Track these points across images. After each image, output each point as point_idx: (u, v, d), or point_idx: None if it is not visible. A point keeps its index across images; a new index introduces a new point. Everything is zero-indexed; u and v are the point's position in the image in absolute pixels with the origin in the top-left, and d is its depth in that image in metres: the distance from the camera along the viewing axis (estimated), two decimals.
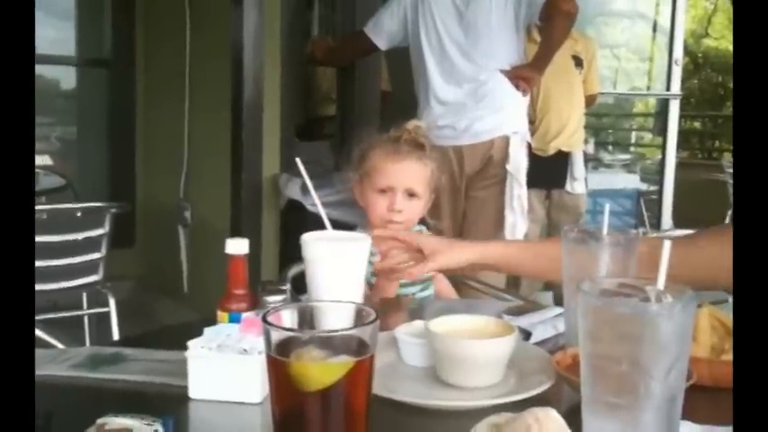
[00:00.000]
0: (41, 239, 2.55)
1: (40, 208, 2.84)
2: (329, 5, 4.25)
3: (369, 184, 1.75)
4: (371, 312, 0.74)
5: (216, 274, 1.24)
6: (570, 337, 1.14)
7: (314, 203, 1.29)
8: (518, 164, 2.85)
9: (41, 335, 2.52)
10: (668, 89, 4.75)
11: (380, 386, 0.88)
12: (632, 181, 5.90)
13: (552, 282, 1.29)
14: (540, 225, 3.63)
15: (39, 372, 0.95)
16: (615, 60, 7.57)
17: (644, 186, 5.78)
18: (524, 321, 1.26)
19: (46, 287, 2.63)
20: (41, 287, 2.58)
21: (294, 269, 1.71)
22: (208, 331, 1.01)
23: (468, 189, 2.93)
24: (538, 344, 1.19)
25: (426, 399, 0.97)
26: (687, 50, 9.85)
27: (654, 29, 6.18)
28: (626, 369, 0.71)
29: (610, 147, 8.00)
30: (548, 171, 3.51)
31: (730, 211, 6.09)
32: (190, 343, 0.98)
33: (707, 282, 1.15)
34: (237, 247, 1.09)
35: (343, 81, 3.95)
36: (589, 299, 0.73)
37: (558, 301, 1.34)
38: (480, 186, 2.91)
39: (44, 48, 3.85)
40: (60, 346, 2.40)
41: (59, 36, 4.39)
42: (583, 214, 3.77)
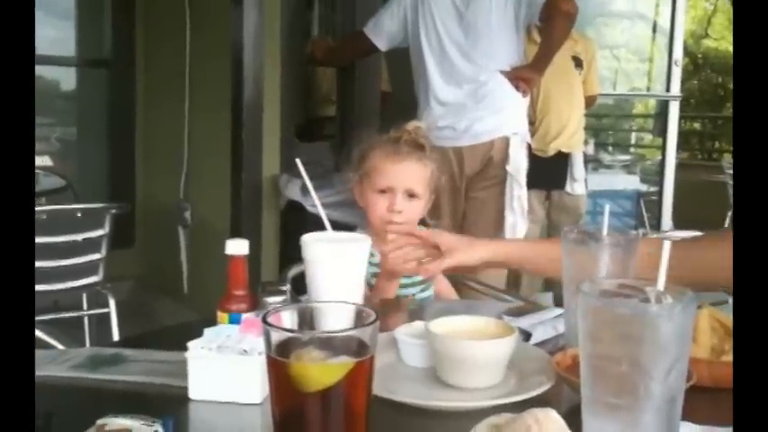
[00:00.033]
0: (41, 240, 2.55)
1: (40, 209, 2.84)
2: (329, 6, 4.25)
3: (369, 185, 1.75)
4: (371, 313, 0.74)
5: (216, 275, 1.24)
6: (570, 338, 1.14)
7: (314, 204, 1.29)
8: (518, 165, 2.85)
9: (41, 335, 2.53)
10: (668, 90, 4.74)
11: (380, 387, 0.88)
12: (632, 182, 5.89)
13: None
14: (540, 226, 3.62)
15: (39, 372, 0.95)
16: (615, 61, 7.57)
17: (644, 187, 5.77)
18: (524, 322, 1.26)
19: (46, 288, 2.63)
20: (41, 288, 2.58)
21: (294, 270, 1.71)
22: (208, 332, 1.01)
23: (468, 190, 2.93)
24: (538, 345, 1.19)
25: (426, 399, 0.97)
26: (687, 51, 9.86)
27: (654, 30, 6.17)
28: (626, 370, 0.71)
29: (610, 148, 7.99)
30: (548, 172, 3.50)
31: (730, 213, 6.10)
32: (190, 344, 0.98)
33: (707, 283, 1.16)
34: (237, 248, 1.09)
35: (343, 81, 3.95)
36: (589, 300, 0.73)
37: (558, 302, 1.34)
38: (480, 187, 2.90)
39: (44, 48, 3.84)
40: (60, 347, 2.40)
41: (59, 36, 4.38)
42: (583, 215, 3.76)
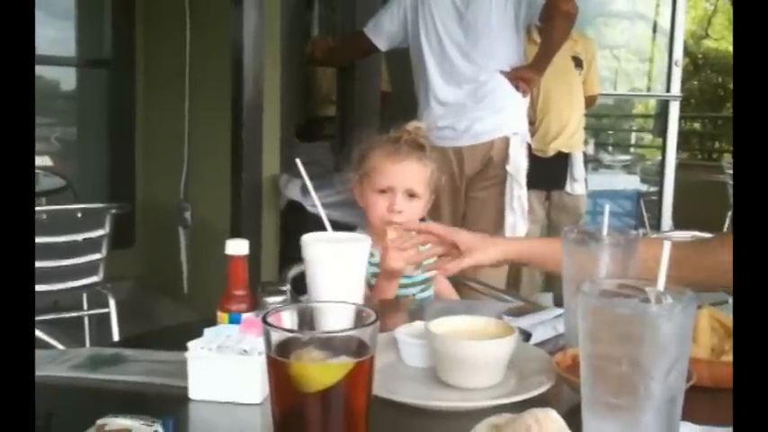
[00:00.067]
0: (41, 240, 2.55)
1: (40, 209, 2.84)
2: (329, 6, 4.25)
3: (369, 185, 1.75)
4: (371, 313, 0.74)
5: (216, 275, 1.24)
6: (570, 338, 1.14)
7: (314, 204, 1.29)
8: (518, 165, 2.85)
9: (42, 336, 2.53)
10: (668, 90, 4.74)
11: (380, 387, 0.88)
12: (632, 182, 5.89)
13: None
14: (540, 226, 3.62)
15: (39, 372, 0.95)
16: (615, 61, 7.57)
17: (644, 187, 5.77)
18: (524, 322, 1.26)
19: (46, 288, 2.63)
20: (41, 288, 2.58)
21: (294, 270, 1.71)
22: (208, 332, 1.01)
23: (468, 190, 2.93)
24: (538, 345, 1.20)
25: (426, 399, 0.97)
26: (687, 51, 9.85)
27: (654, 30, 6.17)
28: (626, 370, 0.71)
29: (610, 148, 7.99)
30: (548, 172, 3.50)
31: (730, 213, 6.10)
32: (190, 344, 0.98)
33: (716, 284, 1.17)
34: (237, 248, 1.09)
35: (343, 81, 3.95)
36: (589, 300, 0.73)
37: (558, 302, 1.34)
38: (480, 187, 2.90)
39: (44, 48, 3.84)
40: (60, 347, 2.40)
41: (59, 36, 4.38)
42: (583, 215, 3.76)
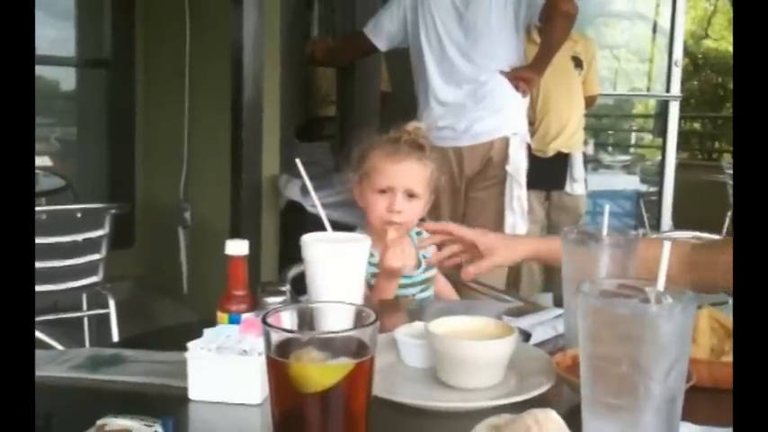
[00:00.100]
0: (41, 241, 2.55)
1: (40, 209, 2.84)
2: (329, 6, 4.25)
3: (368, 185, 1.75)
4: (371, 314, 0.74)
5: (216, 275, 1.24)
6: (570, 339, 1.14)
7: (314, 204, 1.29)
8: (518, 165, 2.85)
9: (41, 336, 2.53)
10: (668, 90, 4.74)
11: (380, 387, 0.88)
12: (632, 182, 5.89)
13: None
14: (540, 226, 3.62)
15: (39, 373, 0.94)
16: (615, 61, 7.57)
17: (644, 187, 5.77)
18: (524, 322, 1.26)
19: (46, 288, 2.63)
20: (41, 288, 2.57)
21: (294, 270, 1.71)
22: (207, 332, 1.01)
23: (467, 190, 2.93)
24: (538, 345, 1.20)
25: (426, 400, 0.97)
26: (687, 51, 9.86)
27: (654, 30, 6.16)
28: (626, 370, 0.71)
29: (609, 148, 7.99)
30: (547, 172, 3.50)
31: (730, 213, 6.10)
32: (189, 344, 0.98)
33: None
34: (237, 248, 1.09)
35: (342, 82, 3.95)
36: (589, 300, 0.73)
37: (558, 303, 1.33)
38: (480, 187, 2.90)
39: (44, 48, 3.84)
40: (60, 348, 2.40)
41: (59, 36, 4.38)
42: (582, 215, 3.76)
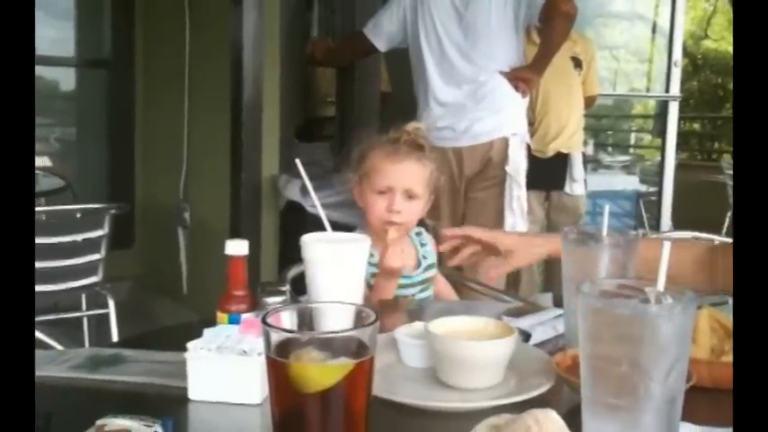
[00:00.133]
0: (41, 241, 2.55)
1: (40, 209, 2.84)
2: (329, 6, 4.25)
3: (368, 185, 1.75)
4: (371, 314, 0.74)
5: (215, 275, 1.24)
6: (570, 339, 1.14)
7: (313, 205, 1.29)
8: (517, 165, 2.85)
9: (41, 336, 2.53)
10: (667, 91, 4.74)
11: (380, 387, 0.88)
12: (631, 182, 5.89)
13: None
14: (540, 226, 3.62)
15: (38, 373, 0.94)
16: (614, 62, 7.57)
17: (643, 188, 5.77)
18: (524, 323, 1.26)
19: (45, 288, 2.62)
20: (41, 288, 2.57)
21: (294, 270, 1.71)
22: (207, 332, 1.01)
23: (467, 190, 2.93)
24: (537, 345, 1.19)
25: (426, 400, 0.97)
26: (686, 52, 9.87)
27: (653, 30, 6.17)
28: (626, 370, 0.71)
29: (609, 148, 7.99)
30: (547, 172, 3.50)
31: (730, 213, 6.10)
32: (189, 344, 0.98)
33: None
34: (237, 248, 1.09)
35: (342, 82, 3.94)
36: (589, 300, 0.73)
37: (558, 303, 1.34)
38: (480, 188, 2.90)
39: (44, 48, 3.84)
40: (60, 348, 2.40)
41: (59, 36, 4.38)
42: (582, 216, 3.76)
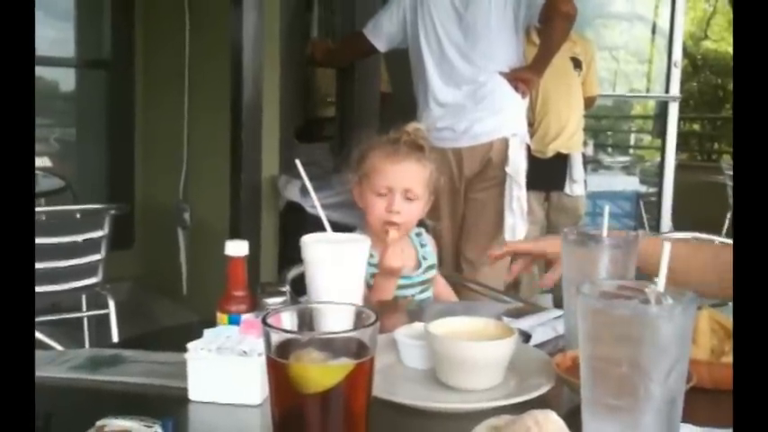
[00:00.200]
0: (41, 241, 2.55)
1: (40, 210, 2.84)
2: (328, 7, 4.25)
3: (368, 186, 1.75)
4: (371, 314, 0.74)
5: (215, 276, 1.24)
6: (570, 340, 1.14)
7: (313, 205, 1.29)
8: (517, 166, 2.85)
9: (41, 337, 2.53)
10: (667, 91, 4.74)
11: (380, 388, 0.88)
12: (631, 183, 5.89)
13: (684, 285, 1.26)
14: (540, 227, 3.62)
15: (38, 373, 0.94)
16: (614, 62, 7.58)
17: (643, 188, 5.78)
18: (524, 323, 1.26)
19: (45, 289, 2.62)
20: (41, 289, 2.57)
21: (294, 271, 1.71)
22: (207, 333, 1.01)
23: (467, 191, 2.93)
24: (537, 346, 1.20)
25: (426, 401, 0.97)
26: (686, 53, 9.88)
27: (653, 31, 6.17)
28: (626, 371, 0.71)
29: (609, 149, 7.99)
30: (547, 173, 3.50)
31: (730, 214, 6.10)
32: (189, 345, 0.98)
33: None
34: (237, 249, 1.09)
35: (342, 82, 3.94)
36: (589, 301, 0.73)
37: (558, 304, 1.34)
38: (479, 188, 2.90)
39: (44, 49, 3.84)
40: (60, 348, 2.40)
41: (59, 37, 4.38)
42: (582, 216, 3.76)
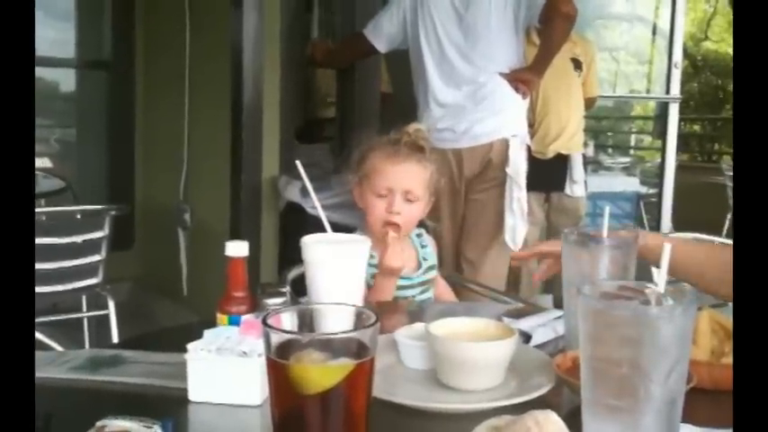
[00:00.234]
0: (41, 242, 2.55)
1: (40, 210, 2.84)
2: (329, 8, 4.25)
3: (368, 186, 1.75)
4: (371, 315, 0.74)
5: (215, 277, 1.24)
6: (570, 340, 1.14)
7: (313, 206, 1.29)
8: (517, 167, 2.85)
9: (41, 337, 2.53)
10: (668, 92, 4.74)
11: (380, 389, 0.88)
12: (632, 184, 5.90)
13: (697, 284, 1.25)
14: (540, 228, 3.62)
15: (38, 374, 0.94)
16: (614, 63, 7.59)
17: (643, 189, 5.78)
18: (524, 324, 1.26)
19: (46, 290, 2.62)
20: (41, 290, 2.57)
21: (294, 271, 1.71)
22: (207, 333, 1.01)
23: (467, 192, 2.92)
24: (538, 346, 1.20)
25: (426, 401, 0.97)
26: (686, 53, 9.88)
27: (653, 32, 6.18)
28: (626, 372, 0.71)
29: (609, 150, 8.01)
30: (547, 174, 3.50)
31: (730, 215, 6.10)
32: (189, 345, 0.98)
33: None
34: (237, 250, 1.09)
35: (342, 83, 3.94)
36: (589, 302, 0.73)
37: (558, 304, 1.34)
38: (480, 189, 2.90)
39: (44, 49, 3.84)
40: (60, 349, 2.40)
41: (59, 38, 4.38)
42: (582, 217, 3.76)
